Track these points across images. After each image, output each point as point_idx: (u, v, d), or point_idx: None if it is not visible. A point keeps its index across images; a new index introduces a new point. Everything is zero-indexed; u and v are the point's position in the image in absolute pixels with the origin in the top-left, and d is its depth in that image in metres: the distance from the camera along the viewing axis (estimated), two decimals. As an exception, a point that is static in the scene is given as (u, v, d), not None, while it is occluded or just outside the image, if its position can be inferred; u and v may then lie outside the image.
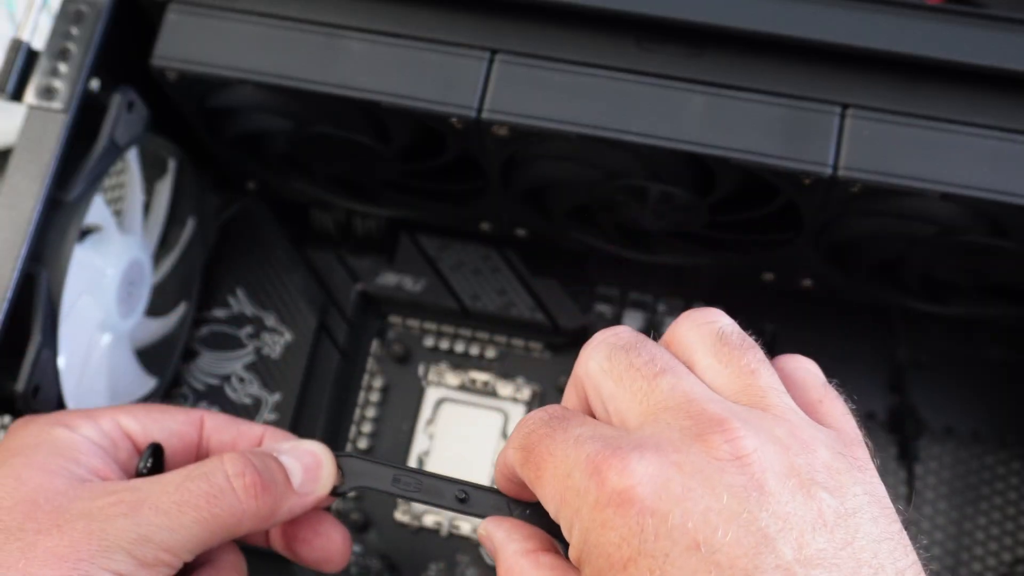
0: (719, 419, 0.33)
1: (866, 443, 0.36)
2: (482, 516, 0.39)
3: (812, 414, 0.36)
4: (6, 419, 0.48)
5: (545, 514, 0.35)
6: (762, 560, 0.30)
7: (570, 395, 0.39)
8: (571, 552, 0.34)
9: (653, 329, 0.59)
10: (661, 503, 0.31)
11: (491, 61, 0.46)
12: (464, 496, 0.40)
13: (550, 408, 0.37)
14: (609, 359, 0.36)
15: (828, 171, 0.44)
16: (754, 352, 0.36)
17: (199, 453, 0.45)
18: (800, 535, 0.31)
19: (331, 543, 0.46)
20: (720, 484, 0.32)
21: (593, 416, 0.37)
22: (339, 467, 0.43)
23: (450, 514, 0.57)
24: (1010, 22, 0.44)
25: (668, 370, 0.35)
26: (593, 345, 0.37)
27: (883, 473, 0.59)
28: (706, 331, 0.37)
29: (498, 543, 0.38)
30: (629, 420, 0.35)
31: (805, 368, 0.38)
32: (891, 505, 0.34)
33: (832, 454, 0.34)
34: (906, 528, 0.34)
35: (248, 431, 0.45)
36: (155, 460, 0.43)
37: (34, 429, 0.41)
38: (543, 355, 0.60)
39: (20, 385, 0.44)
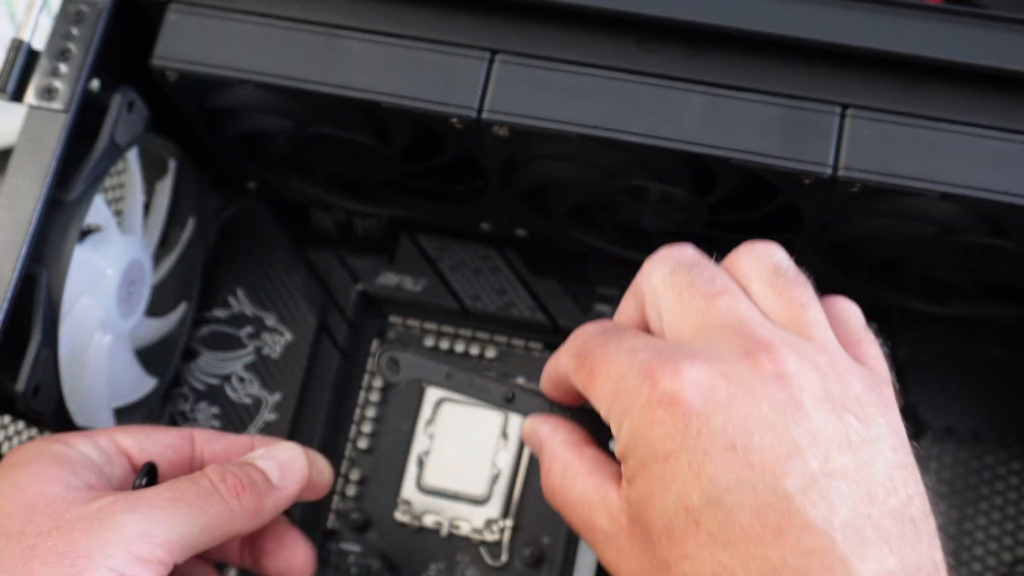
0: (767, 342, 0.36)
1: (894, 384, 0.40)
2: (528, 410, 0.43)
3: (850, 351, 0.39)
4: (6, 419, 0.48)
5: (588, 418, 0.39)
6: (791, 466, 0.34)
7: (628, 305, 0.41)
8: (617, 447, 0.37)
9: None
10: (706, 406, 0.35)
11: (491, 61, 0.46)
12: (511, 396, 0.43)
13: (603, 322, 0.40)
14: (672, 274, 0.39)
15: (828, 171, 0.44)
16: (806, 288, 0.39)
17: (192, 465, 0.46)
18: (827, 451, 0.35)
19: (295, 555, 0.48)
20: (762, 396, 0.35)
21: (647, 328, 0.40)
22: (395, 360, 0.45)
23: (450, 514, 0.57)
24: (1010, 22, 0.44)
25: (726, 292, 0.38)
26: (658, 258, 0.40)
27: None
28: (765, 263, 0.40)
29: (544, 435, 0.41)
30: (683, 333, 0.38)
31: (849, 310, 0.41)
32: (908, 441, 0.38)
33: (864, 387, 0.37)
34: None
35: (237, 441, 0.47)
36: (150, 478, 0.43)
37: (32, 446, 0.43)
38: (543, 355, 0.60)
39: (20, 385, 0.44)
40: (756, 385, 0.35)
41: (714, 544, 0.34)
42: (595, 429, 0.38)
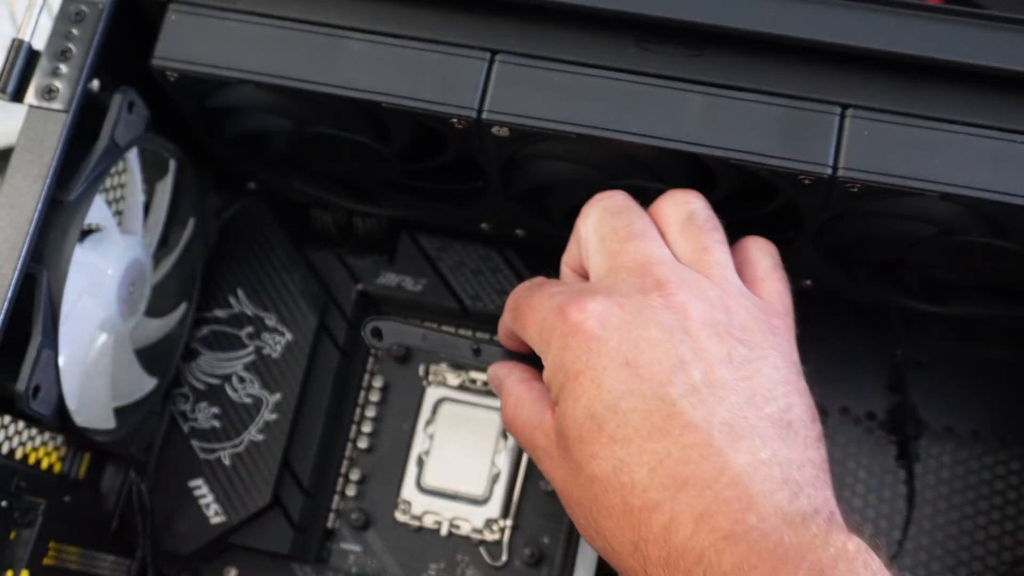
0: (662, 278, 0.42)
1: (794, 318, 0.46)
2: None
3: (753, 287, 0.45)
4: (6, 419, 0.48)
5: (535, 359, 0.45)
6: (675, 377, 0.41)
7: (571, 248, 0.47)
8: (545, 374, 0.44)
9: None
10: (604, 331, 0.41)
11: (491, 61, 0.46)
12: (477, 348, 0.50)
13: (532, 279, 0.48)
14: (600, 219, 0.45)
15: (828, 171, 0.44)
16: (712, 234, 0.45)
17: None
18: (709, 365, 0.41)
19: None
20: (651, 321, 0.41)
21: (583, 269, 0.46)
22: (379, 328, 0.50)
23: (450, 514, 0.57)
24: (1010, 22, 0.44)
25: (639, 235, 0.44)
26: (591, 205, 0.46)
27: (883, 472, 0.59)
28: (681, 210, 0.45)
29: (502, 376, 0.48)
30: (600, 273, 0.44)
31: (762, 250, 0.47)
32: (798, 364, 0.44)
33: (750, 316, 0.43)
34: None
35: None
36: None
37: None
38: (543, 355, 0.60)
39: (20, 385, 0.44)
40: (648, 313, 0.42)
41: (614, 443, 0.41)
42: (541, 367, 0.44)
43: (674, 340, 0.41)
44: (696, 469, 0.39)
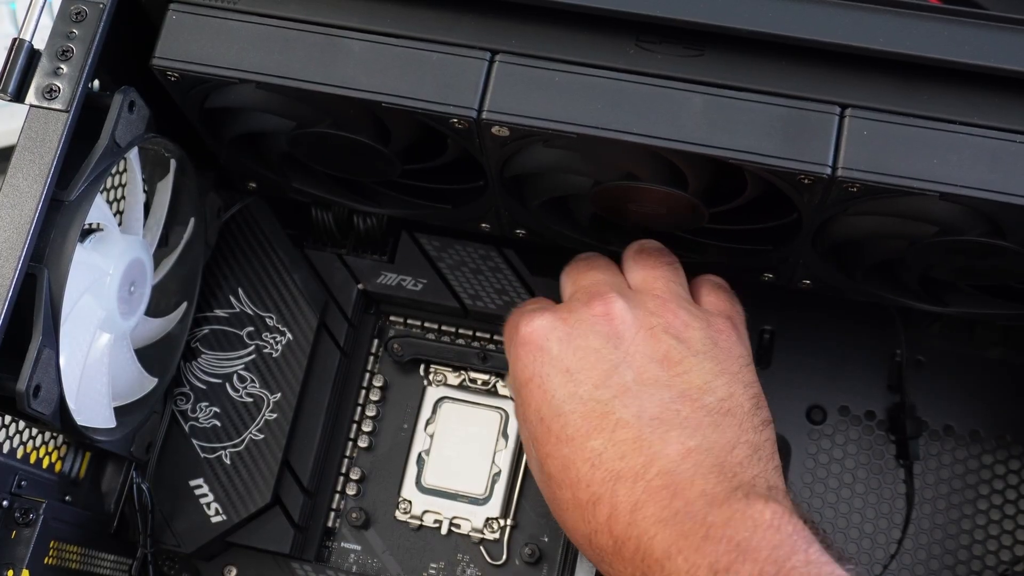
0: (603, 292, 0.48)
1: (744, 328, 0.51)
2: (500, 368, 0.58)
3: (699, 299, 0.51)
4: (7, 418, 0.48)
5: None
6: (609, 379, 0.45)
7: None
8: (508, 380, 0.52)
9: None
10: (547, 342, 0.47)
11: (491, 61, 0.46)
12: (485, 356, 0.58)
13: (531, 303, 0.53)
14: (573, 263, 0.52)
15: (827, 171, 0.44)
16: (661, 259, 0.51)
17: None
18: (641, 366, 0.46)
19: None
20: (590, 332, 0.47)
21: None
22: (398, 344, 0.59)
23: (450, 513, 0.58)
24: (1010, 22, 0.44)
25: (596, 268, 0.51)
26: (573, 259, 0.53)
27: (882, 472, 0.59)
28: (634, 246, 0.52)
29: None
30: (563, 300, 0.51)
31: (712, 279, 0.52)
32: (743, 358, 0.48)
33: (691, 317, 0.48)
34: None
35: None
36: None
37: None
38: (543, 355, 0.60)
39: (21, 384, 0.44)
40: (587, 324, 0.47)
41: (560, 443, 0.45)
42: None
43: (609, 346, 0.46)
44: (629, 463, 0.44)
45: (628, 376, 0.45)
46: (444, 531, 0.58)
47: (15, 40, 0.46)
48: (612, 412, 0.45)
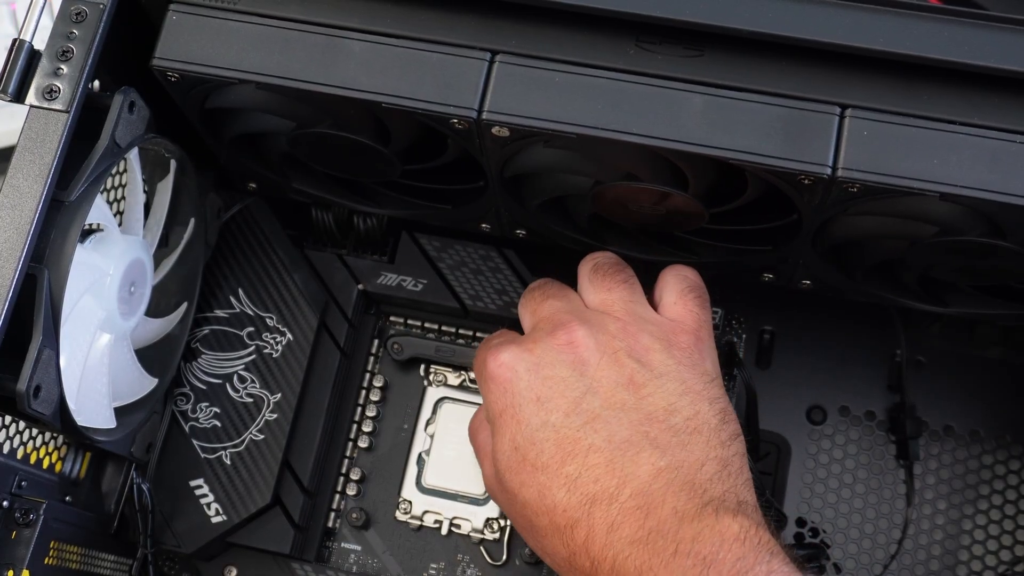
0: (564, 321, 0.49)
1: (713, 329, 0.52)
2: None
3: (663, 311, 0.50)
4: (7, 418, 0.48)
5: None
6: (579, 406, 0.47)
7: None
8: (484, 412, 0.51)
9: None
10: (515, 375, 0.48)
11: (491, 62, 0.46)
12: None
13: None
14: (529, 292, 0.53)
15: (827, 171, 0.44)
16: (615, 276, 0.51)
17: None
18: (608, 391, 0.47)
19: None
20: (556, 361, 0.48)
21: None
22: (399, 343, 0.59)
23: (450, 513, 0.58)
24: (1010, 22, 0.44)
25: (553, 296, 0.51)
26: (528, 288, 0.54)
27: (882, 472, 0.59)
28: (587, 264, 0.52)
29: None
30: (526, 331, 0.51)
31: (677, 275, 0.52)
32: (707, 374, 0.49)
33: (652, 338, 0.48)
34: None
35: None
36: None
37: None
38: (543, 355, 0.60)
39: (21, 385, 0.44)
40: (553, 354, 0.48)
41: (535, 471, 0.46)
42: None
43: (576, 374, 0.47)
44: (603, 485, 0.45)
45: (596, 403, 0.46)
46: (444, 531, 0.58)
47: (15, 40, 0.46)
48: (583, 438, 0.46)
